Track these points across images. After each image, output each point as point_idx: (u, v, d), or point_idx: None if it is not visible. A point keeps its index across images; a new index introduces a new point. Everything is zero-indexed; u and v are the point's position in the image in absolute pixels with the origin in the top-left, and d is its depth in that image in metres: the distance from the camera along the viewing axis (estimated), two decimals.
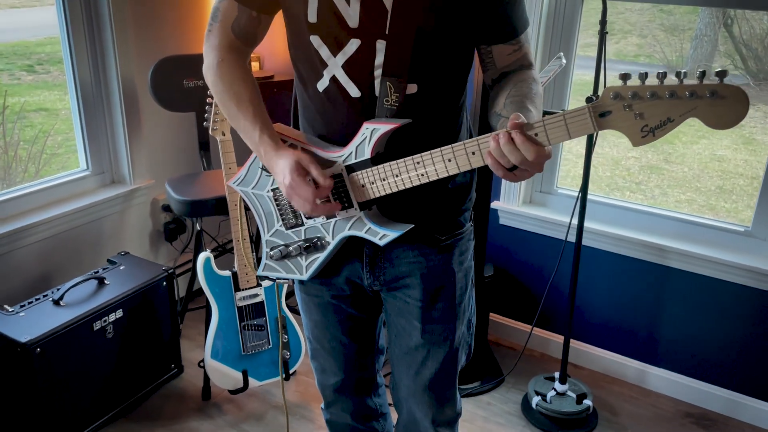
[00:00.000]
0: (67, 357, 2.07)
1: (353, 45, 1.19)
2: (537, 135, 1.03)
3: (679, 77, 0.94)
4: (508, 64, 1.26)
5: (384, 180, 1.19)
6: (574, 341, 2.64)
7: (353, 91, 1.22)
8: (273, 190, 1.33)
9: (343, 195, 1.24)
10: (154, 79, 2.48)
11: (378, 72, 1.19)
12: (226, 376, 2.29)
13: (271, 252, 1.37)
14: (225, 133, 2.18)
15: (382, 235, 1.23)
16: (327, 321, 1.46)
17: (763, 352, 2.30)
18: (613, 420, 2.38)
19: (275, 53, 3.01)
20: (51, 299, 2.16)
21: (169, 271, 2.41)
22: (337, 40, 1.19)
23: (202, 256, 2.21)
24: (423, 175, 1.16)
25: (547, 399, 2.34)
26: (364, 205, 1.24)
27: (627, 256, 2.45)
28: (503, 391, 2.52)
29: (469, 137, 1.21)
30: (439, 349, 1.40)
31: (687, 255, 2.32)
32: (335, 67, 1.21)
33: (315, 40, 1.21)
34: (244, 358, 2.30)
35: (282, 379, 2.04)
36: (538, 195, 2.66)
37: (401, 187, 1.19)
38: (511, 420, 2.38)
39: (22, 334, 1.97)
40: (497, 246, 2.71)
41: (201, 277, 2.21)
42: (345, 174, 1.22)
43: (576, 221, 2.22)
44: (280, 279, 1.40)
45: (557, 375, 2.38)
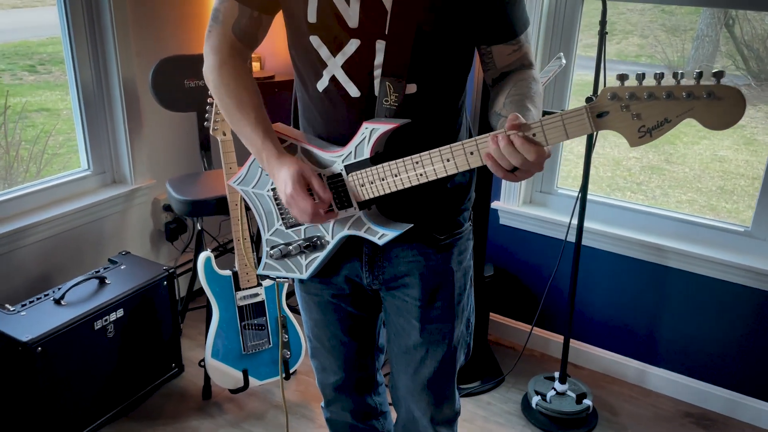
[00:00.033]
0: (68, 356, 2.08)
1: (353, 45, 1.19)
2: (535, 135, 1.04)
3: (677, 78, 0.94)
4: (509, 64, 1.26)
5: (383, 180, 1.20)
6: (573, 341, 2.64)
7: (353, 91, 1.22)
8: (273, 189, 1.34)
9: (342, 194, 1.24)
10: (155, 79, 2.48)
11: (377, 72, 1.20)
12: (226, 375, 2.30)
13: (272, 251, 1.37)
14: (226, 133, 2.18)
15: (381, 234, 1.23)
16: (327, 320, 1.47)
17: (763, 352, 2.31)
18: (612, 420, 2.39)
19: (276, 53, 3.01)
20: (52, 298, 2.17)
21: (170, 271, 2.41)
22: (336, 41, 1.20)
23: (203, 256, 2.21)
24: (422, 175, 1.16)
25: (547, 399, 2.34)
26: (364, 205, 1.24)
27: (627, 256, 2.46)
28: (503, 391, 2.53)
29: (468, 137, 1.22)
30: (438, 348, 1.40)
31: (687, 255, 2.32)
32: (335, 67, 1.21)
33: (315, 41, 1.21)
34: (244, 358, 2.31)
35: (282, 378, 2.04)
36: (538, 195, 2.66)
37: (400, 187, 1.19)
38: (511, 420, 2.38)
39: (24, 333, 1.98)
40: (497, 246, 2.71)
41: (202, 277, 2.21)
42: (344, 173, 1.23)
43: (576, 221, 2.23)
44: (280, 278, 1.41)
45: (557, 375, 2.38)
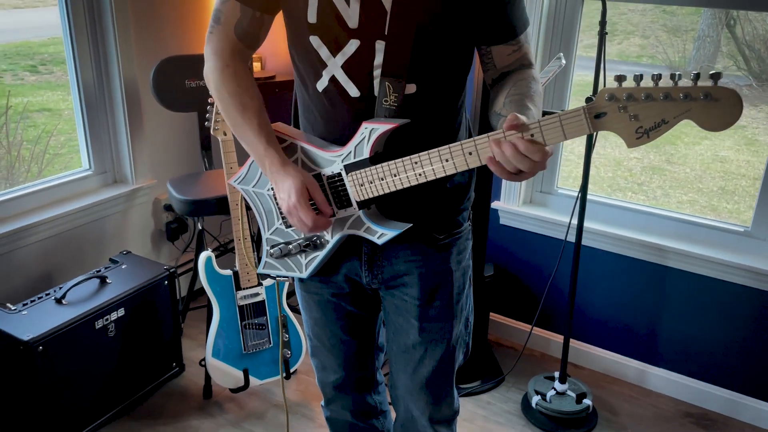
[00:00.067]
0: (69, 355, 2.09)
1: (353, 45, 1.19)
2: (533, 136, 1.04)
3: (674, 79, 0.95)
4: (508, 64, 1.27)
5: (382, 179, 1.20)
6: (574, 341, 2.64)
7: (352, 91, 1.22)
8: (273, 188, 1.34)
9: (342, 194, 1.25)
10: (156, 79, 2.49)
11: (377, 72, 1.20)
12: (227, 374, 2.30)
13: (272, 250, 1.38)
14: (226, 133, 2.19)
15: (381, 234, 1.24)
16: (327, 318, 1.47)
17: (763, 352, 2.31)
18: (612, 420, 2.39)
19: (277, 53, 3.02)
20: (53, 298, 2.17)
21: (171, 271, 2.42)
22: (336, 41, 1.20)
23: (204, 256, 2.22)
24: (421, 175, 1.17)
25: (547, 398, 2.34)
26: (363, 204, 1.24)
27: (627, 256, 2.46)
28: (503, 391, 2.53)
29: (468, 137, 1.22)
30: (437, 348, 1.41)
31: (686, 255, 2.32)
32: (335, 67, 1.22)
33: (314, 41, 1.21)
34: (245, 357, 2.31)
35: (282, 377, 2.04)
36: (538, 195, 2.66)
37: (399, 187, 1.19)
38: (511, 419, 2.39)
39: (25, 332, 1.99)
40: (497, 246, 2.72)
41: (202, 276, 2.22)
42: (344, 173, 1.23)
43: (576, 221, 2.23)
44: (280, 277, 1.42)
45: (557, 374, 2.39)
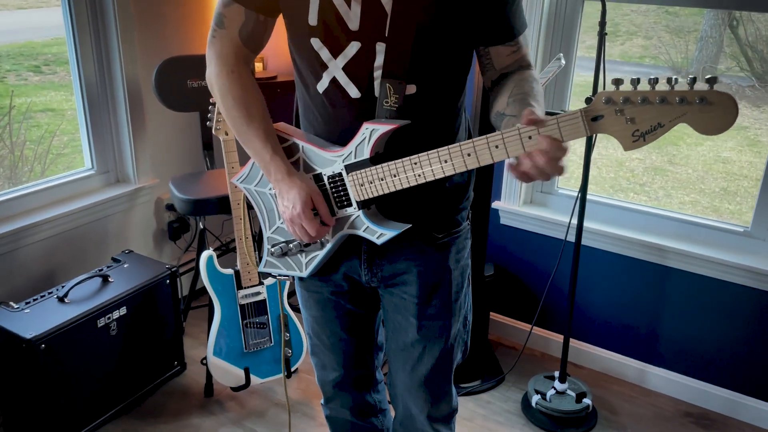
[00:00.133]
0: (72, 353, 2.10)
1: (353, 47, 1.20)
2: (531, 138, 1.05)
3: (670, 83, 0.95)
4: (508, 65, 1.27)
5: (382, 180, 1.21)
6: (574, 340, 2.65)
7: (353, 92, 1.23)
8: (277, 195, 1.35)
9: (342, 194, 1.26)
10: (158, 79, 2.50)
11: (377, 74, 1.21)
12: (228, 373, 2.31)
13: (273, 249, 1.39)
14: (228, 133, 2.20)
15: (380, 234, 1.25)
16: (326, 317, 1.48)
17: (763, 352, 2.31)
18: (612, 419, 2.40)
19: (278, 54, 3.02)
20: (56, 296, 2.18)
21: (173, 270, 2.43)
22: (337, 43, 1.21)
23: (205, 255, 2.23)
24: (420, 175, 1.18)
25: (547, 398, 2.35)
26: (363, 204, 1.26)
27: (627, 256, 2.46)
28: (503, 390, 2.54)
29: (468, 139, 1.23)
30: (435, 346, 1.41)
31: (686, 255, 2.33)
32: (335, 69, 1.22)
33: (315, 43, 1.22)
34: (246, 356, 2.32)
35: (284, 376, 2.05)
36: (538, 195, 2.67)
37: (399, 187, 1.20)
38: (511, 419, 2.39)
39: (27, 330, 2.00)
40: (498, 245, 2.73)
41: (204, 276, 2.23)
42: (344, 173, 1.24)
43: (576, 221, 2.24)
44: (280, 275, 1.43)
45: (557, 374, 2.39)
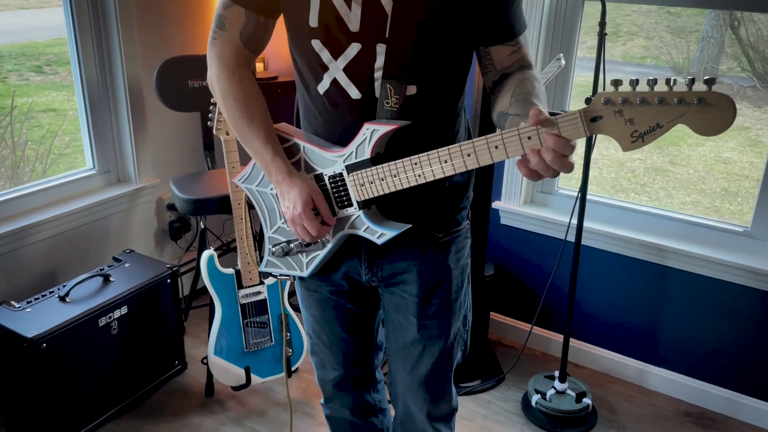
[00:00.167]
0: (73, 352, 2.10)
1: (354, 49, 1.20)
2: (530, 138, 1.05)
3: (669, 84, 0.96)
4: (508, 65, 1.27)
5: (383, 180, 1.21)
6: (574, 340, 2.65)
7: (354, 93, 1.24)
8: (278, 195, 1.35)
9: (343, 194, 1.26)
10: (159, 79, 2.50)
11: (378, 74, 1.21)
12: (229, 372, 2.32)
13: (273, 248, 1.39)
14: (229, 133, 2.20)
15: (380, 234, 1.25)
16: (326, 316, 1.48)
17: (763, 352, 2.31)
18: (612, 419, 2.40)
19: (279, 54, 3.03)
20: (57, 295, 2.19)
21: (174, 269, 2.43)
22: (338, 44, 1.21)
23: (206, 254, 2.23)
24: (420, 176, 1.18)
25: (547, 397, 2.35)
26: (364, 204, 1.26)
27: (627, 256, 2.47)
28: (503, 390, 2.54)
29: (467, 139, 1.23)
30: (435, 345, 1.42)
31: (686, 255, 2.33)
32: (336, 70, 1.23)
33: (316, 44, 1.22)
34: (246, 355, 2.33)
35: (286, 376, 2.06)
36: (538, 195, 2.67)
37: (399, 187, 1.21)
38: (511, 418, 2.40)
39: (29, 329, 2.00)
40: (498, 245, 2.73)
41: (205, 275, 2.23)
42: (345, 173, 1.25)
43: (576, 221, 2.24)
44: (281, 275, 1.43)
45: (557, 374, 2.40)
